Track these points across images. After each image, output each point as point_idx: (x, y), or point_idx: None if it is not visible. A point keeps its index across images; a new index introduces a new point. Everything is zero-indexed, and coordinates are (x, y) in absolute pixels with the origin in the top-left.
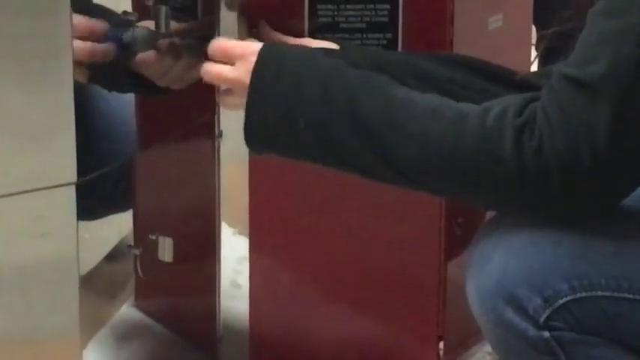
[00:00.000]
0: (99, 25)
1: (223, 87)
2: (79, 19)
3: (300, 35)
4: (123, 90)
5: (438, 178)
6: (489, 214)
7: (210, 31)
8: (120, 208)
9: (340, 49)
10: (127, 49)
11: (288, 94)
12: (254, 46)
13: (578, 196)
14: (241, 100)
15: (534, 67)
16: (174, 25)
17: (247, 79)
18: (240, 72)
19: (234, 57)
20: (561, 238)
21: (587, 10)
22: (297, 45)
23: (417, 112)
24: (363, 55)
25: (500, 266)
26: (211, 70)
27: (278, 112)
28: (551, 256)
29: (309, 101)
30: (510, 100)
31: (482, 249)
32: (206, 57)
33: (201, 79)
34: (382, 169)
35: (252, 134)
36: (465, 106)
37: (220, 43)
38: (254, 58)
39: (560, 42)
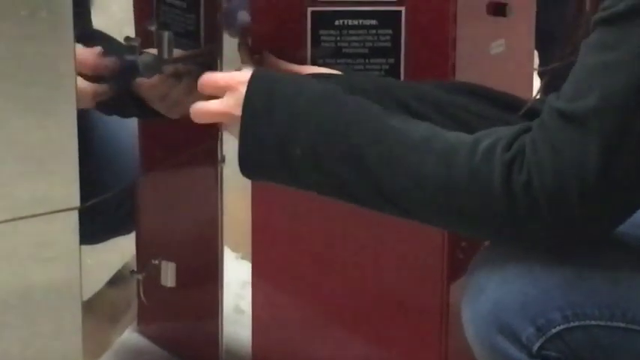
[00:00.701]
0: (104, 61)
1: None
2: (85, 55)
3: (303, 60)
4: (122, 114)
5: (430, 211)
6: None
7: (213, 57)
8: (122, 231)
9: (344, 77)
10: (130, 75)
11: (282, 124)
12: (242, 76)
13: (568, 229)
14: (235, 130)
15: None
16: (177, 51)
17: (237, 111)
18: (228, 103)
19: (222, 88)
20: (555, 267)
21: None
22: (288, 72)
23: (409, 145)
24: (366, 80)
25: (494, 295)
26: (197, 107)
27: (272, 142)
28: (544, 285)
29: (304, 131)
30: (501, 132)
31: (476, 278)
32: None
33: None
34: (377, 200)
35: (247, 164)
36: (457, 138)
37: (208, 76)
38: (243, 88)
39: (563, 74)
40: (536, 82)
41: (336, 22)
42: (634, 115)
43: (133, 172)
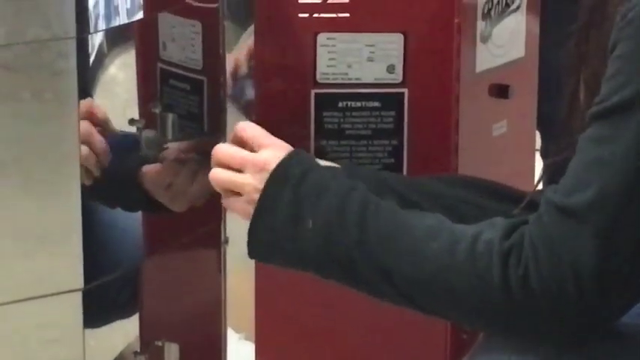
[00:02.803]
0: (103, 156)
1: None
2: (84, 150)
3: (307, 141)
4: (127, 207)
5: (431, 299)
6: None
7: (217, 140)
8: (125, 314)
9: (343, 169)
10: (132, 155)
11: (302, 203)
12: (271, 156)
13: (565, 325)
14: (248, 206)
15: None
16: (181, 133)
17: (261, 186)
18: (255, 180)
19: (247, 165)
20: (553, 356)
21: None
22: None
23: (415, 234)
24: (366, 173)
25: None
26: (222, 176)
27: (285, 217)
28: None
29: (322, 210)
30: (502, 223)
31: None
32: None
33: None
34: (383, 286)
35: (255, 242)
36: (460, 230)
37: (229, 150)
38: (271, 167)
39: (561, 167)
40: (538, 163)
41: (340, 104)
42: (629, 209)
43: (136, 253)
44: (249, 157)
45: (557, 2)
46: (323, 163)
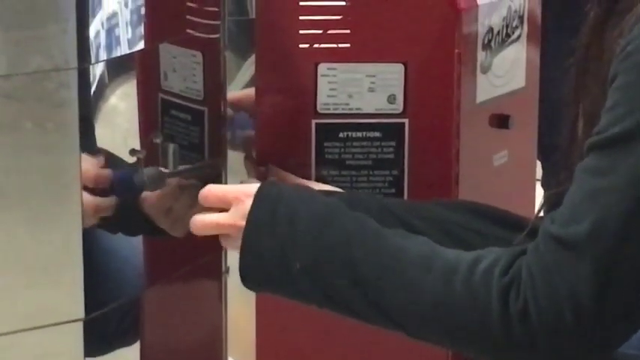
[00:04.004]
0: (104, 174)
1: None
2: (87, 168)
3: (307, 172)
4: (128, 232)
5: (426, 327)
6: None
7: (217, 170)
8: (126, 344)
9: (344, 195)
10: (134, 190)
11: (284, 236)
12: (250, 188)
13: (564, 354)
14: (238, 242)
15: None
16: (182, 163)
17: (243, 222)
18: (236, 215)
19: (230, 202)
20: None
21: None
22: (296, 184)
23: (408, 261)
24: (368, 198)
25: None
26: (199, 219)
27: (273, 253)
28: None
29: (304, 244)
30: (500, 253)
31: None
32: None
33: None
34: (374, 314)
35: (247, 275)
36: (456, 257)
37: (213, 190)
38: (250, 200)
39: (560, 199)
40: (539, 193)
41: (340, 135)
42: (627, 240)
43: (137, 283)
44: (228, 192)
45: (557, 33)
46: (329, 188)
